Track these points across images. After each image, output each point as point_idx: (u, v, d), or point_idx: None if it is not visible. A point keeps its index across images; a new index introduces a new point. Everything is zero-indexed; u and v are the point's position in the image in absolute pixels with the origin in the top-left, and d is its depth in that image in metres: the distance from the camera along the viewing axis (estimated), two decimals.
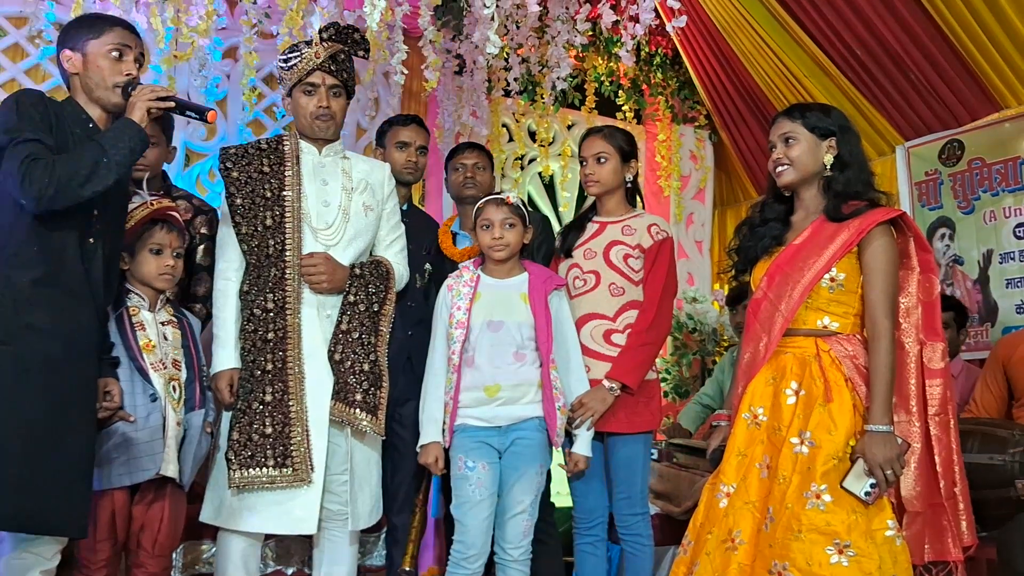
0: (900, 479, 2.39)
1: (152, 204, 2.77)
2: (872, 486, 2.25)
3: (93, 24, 2.48)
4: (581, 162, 3.16)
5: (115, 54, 2.44)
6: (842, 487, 2.27)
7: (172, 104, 2.43)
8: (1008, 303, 4.49)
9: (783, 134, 2.57)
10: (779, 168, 2.57)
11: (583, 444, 2.91)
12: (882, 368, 2.35)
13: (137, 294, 2.76)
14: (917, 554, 2.39)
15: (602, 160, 3.10)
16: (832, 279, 2.45)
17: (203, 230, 3.30)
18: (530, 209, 4.72)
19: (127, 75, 2.45)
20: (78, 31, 2.46)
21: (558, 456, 3.00)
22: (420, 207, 4.01)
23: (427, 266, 3.34)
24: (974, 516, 2.54)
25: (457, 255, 3.29)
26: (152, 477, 2.62)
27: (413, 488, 3.12)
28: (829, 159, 2.53)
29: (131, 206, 2.77)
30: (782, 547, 2.26)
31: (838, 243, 2.43)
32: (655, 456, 4.20)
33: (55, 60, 2.52)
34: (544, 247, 3.34)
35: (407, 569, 2.96)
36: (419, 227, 3.41)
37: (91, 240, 2.38)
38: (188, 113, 2.49)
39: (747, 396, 2.52)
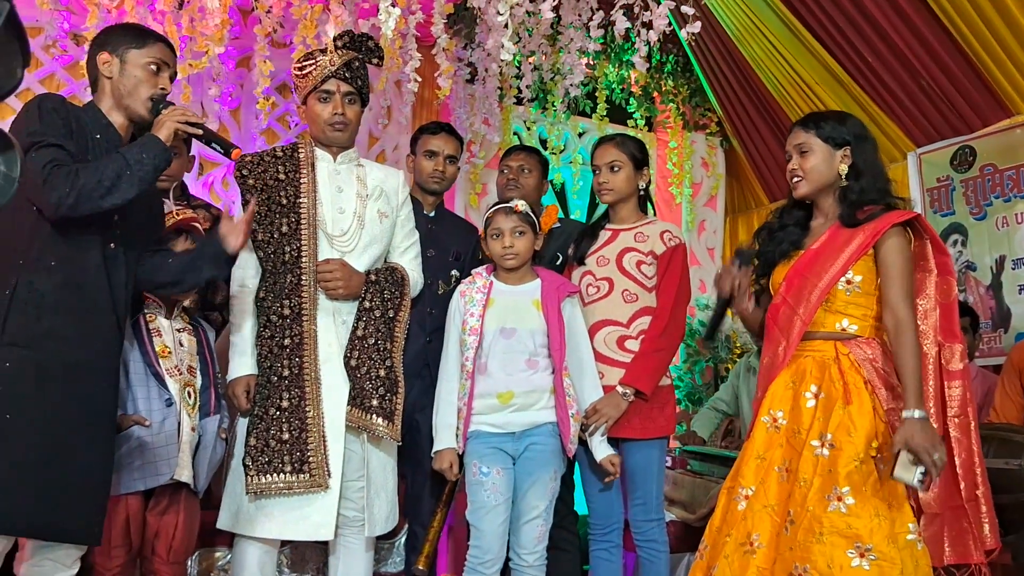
0: None
1: (177, 214, 2.79)
2: (923, 473, 2.20)
3: (138, 34, 2.48)
4: (594, 170, 3.16)
5: (153, 67, 2.43)
6: (893, 477, 2.22)
7: (200, 132, 2.42)
8: (1021, 309, 4.47)
9: (798, 145, 2.57)
10: (794, 180, 2.58)
11: (603, 448, 2.90)
12: (909, 357, 2.32)
13: (155, 301, 2.78)
14: (936, 556, 2.39)
15: (615, 168, 3.11)
16: (848, 281, 2.46)
17: None
18: (571, 219, 4.74)
19: (161, 89, 2.45)
20: (121, 37, 2.45)
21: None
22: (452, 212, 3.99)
23: (454, 272, 3.32)
24: None
25: None
26: (167, 482, 2.64)
27: (433, 494, 3.12)
28: (844, 168, 2.53)
29: None
30: (803, 549, 2.25)
31: (854, 246, 2.44)
32: (670, 463, 4.20)
33: (88, 61, 2.49)
34: None
35: (421, 568, 2.96)
36: (448, 232, 3.41)
37: (112, 246, 2.37)
38: (213, 145, 2.47)
39: (767, 400, 2.52)
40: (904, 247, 2.43)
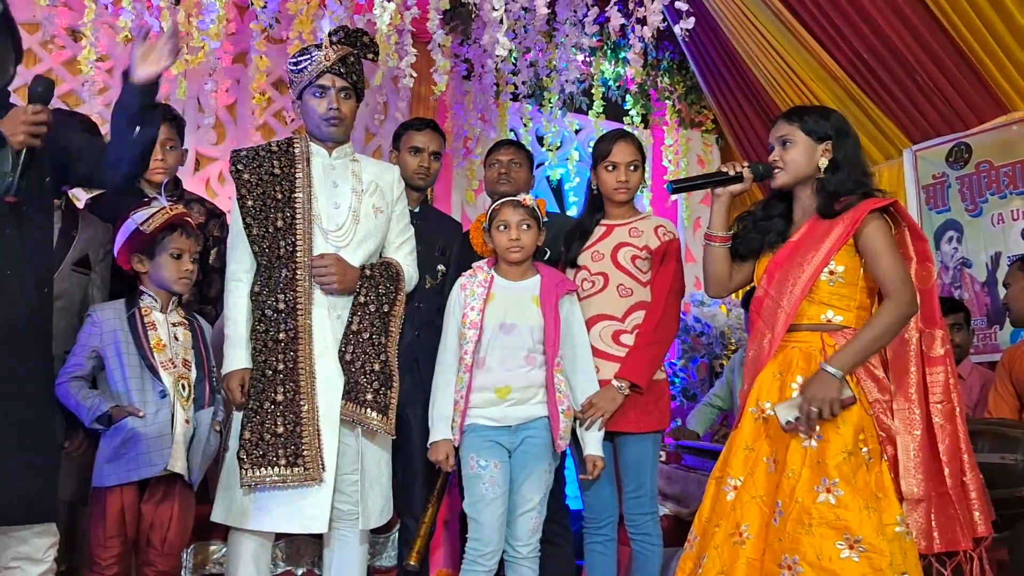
0: (900, 466, 2.41)
1: (171, 209, 2.80)
2: (796, 419, 2.29)
3: None
4: (609, 166, 3.10)
5: None
6: (771, 410, 2.31)
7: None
8: None
9: (780, 136, 2.60)
10: (774, 170, 2.60)
11: (595, 446, 2.91)
12: (869, 324, 2.39)
13: (150, 295, 2.80)
14: (926, 544, 2.40)
15: (634, 167, 3.11)
16: (831, 272, 2.48)
17: (216, 233, 3.35)
18: (560, 214, 4.73)
19: None
20: None
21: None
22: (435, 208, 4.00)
23: (440, 267, 3.33)
24: None
25: (489, 252, 3.26)
26: (160, 473, 2.65)
27: (424, 488, 3.13)
28: (824, 163, 2.56)
29: (150, 211, 2.79)
30: (792, 541, 2.26)
31: (834, 236, 2.47)
32: (663, 458, 4.21)
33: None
34: None
35: (412, 564, 2.97)
36: (433, 227, 3.42)
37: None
38: None
39: (754, 391, 2.53)
40: (885, 228, 2.46)
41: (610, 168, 3.10)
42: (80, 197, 3.31)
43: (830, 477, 2.28)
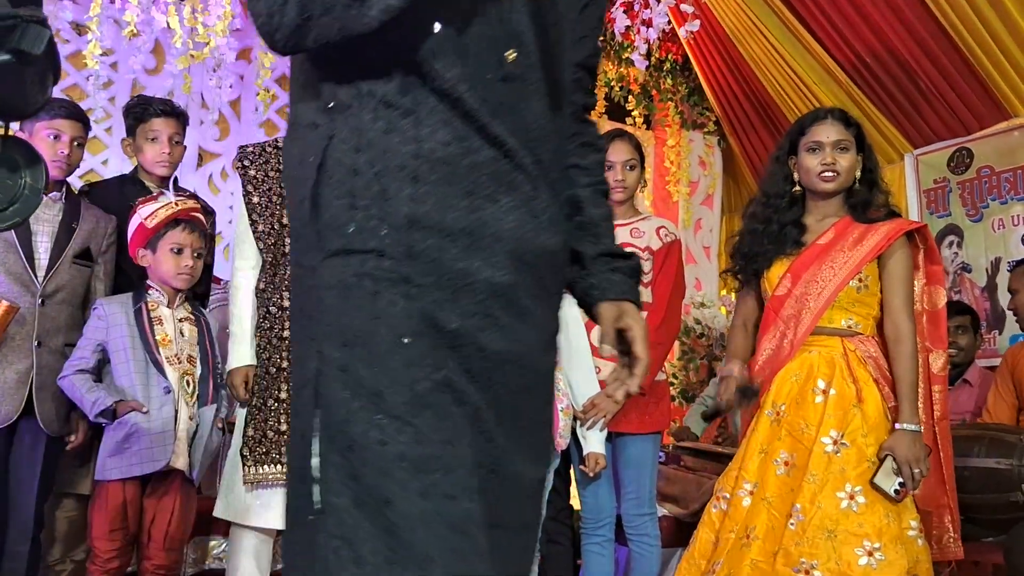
0: None
1: (176, 204, 2.81)
2: (901, 484, 2.29)
3: None
4: (607, 166, 3.11)
5: None
6: (872, 484, 2.29)
7: None
8: None
9: (838, 141, 2.55)
10: (828, 173, 2.54)
11: (597, 443, 2.92)
12: (907, 370, 2.40)
13: (157, 290, 2.81)
14: None
15: (631, 167, 3.11)
16: (860, 279, 2.49)
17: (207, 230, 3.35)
18: None
19: None
20: None
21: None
22: None
23: None
24: (979, 520, 2.66)
25: None
26: (162, 469, 2.66)
27: None
28: (859, 173, 2.58)
29: (155, 205, 2.80)
30: (811, 545, 2.27)
31: (868, 246, 2.48)
32: (663, 459, 4.22)
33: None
34: None
35: None
36: None
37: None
38: None
39: (771, 393, 2.52)
40: (908, 258, 2.51)
41: (606, 168, 3.10)
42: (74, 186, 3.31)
43: (853, 484, 2.31)
